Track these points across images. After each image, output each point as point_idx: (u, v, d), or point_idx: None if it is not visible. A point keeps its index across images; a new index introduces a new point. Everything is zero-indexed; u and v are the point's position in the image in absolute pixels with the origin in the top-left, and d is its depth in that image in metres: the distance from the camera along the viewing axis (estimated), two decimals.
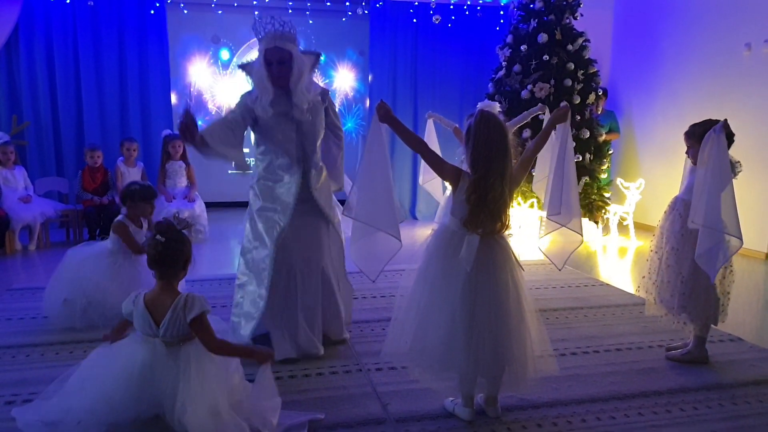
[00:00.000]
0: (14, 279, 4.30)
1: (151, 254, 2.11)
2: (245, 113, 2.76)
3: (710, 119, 2.72)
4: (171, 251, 2.09)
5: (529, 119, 4.21)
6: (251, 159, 3.61)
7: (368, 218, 2.32)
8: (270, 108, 2.72)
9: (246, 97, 2.81)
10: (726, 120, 2.54)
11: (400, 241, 2.32)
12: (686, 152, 2.85)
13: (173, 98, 6.89)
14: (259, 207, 2.86)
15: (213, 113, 7.31)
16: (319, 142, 2.90)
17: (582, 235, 2.48)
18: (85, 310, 3.17)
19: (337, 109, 3.15)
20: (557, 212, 2.37)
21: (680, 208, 2.82)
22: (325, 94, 2.94)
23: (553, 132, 2.47)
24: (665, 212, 2.91)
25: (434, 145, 4.25)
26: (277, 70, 2.67)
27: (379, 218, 2.30)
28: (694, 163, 2.79)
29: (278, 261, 2.78)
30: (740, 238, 2.51)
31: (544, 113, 4.15)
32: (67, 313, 3.17)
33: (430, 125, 4.66)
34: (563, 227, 2.41)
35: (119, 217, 3.41)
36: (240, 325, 2.87)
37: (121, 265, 3.30)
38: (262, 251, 2.82)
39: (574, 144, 2.37)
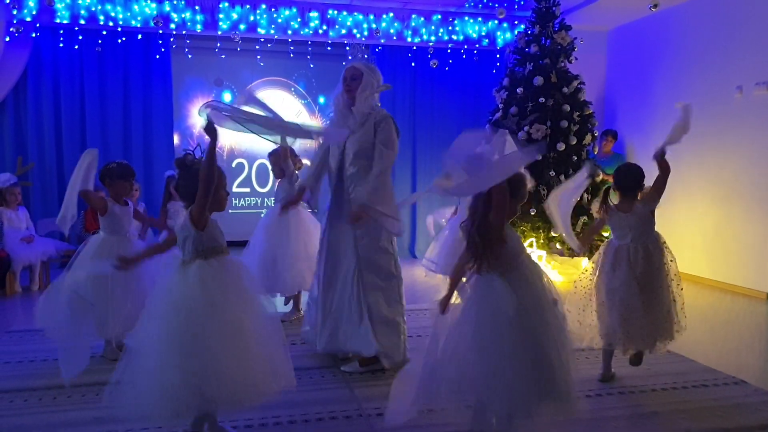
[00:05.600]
0: (13, 321, 4.28)
1: (175, 189, 2.43)
2: (325, 151, 3.41)
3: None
4: (185, 184, 2.32)
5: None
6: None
7: None
8: (344, 108, 3.27)
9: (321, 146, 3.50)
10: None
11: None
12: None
13: (176, 139, 6.99)
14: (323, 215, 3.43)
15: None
16: (354, 153, 3.21)
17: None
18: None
19: (394, 137, 3.32)
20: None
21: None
22: (386, 119, 3.25)
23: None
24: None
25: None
26: (348, 84, 3.24)
27: None
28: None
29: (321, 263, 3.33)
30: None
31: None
32: (74, 330, 3.00)
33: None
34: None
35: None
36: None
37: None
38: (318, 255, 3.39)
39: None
